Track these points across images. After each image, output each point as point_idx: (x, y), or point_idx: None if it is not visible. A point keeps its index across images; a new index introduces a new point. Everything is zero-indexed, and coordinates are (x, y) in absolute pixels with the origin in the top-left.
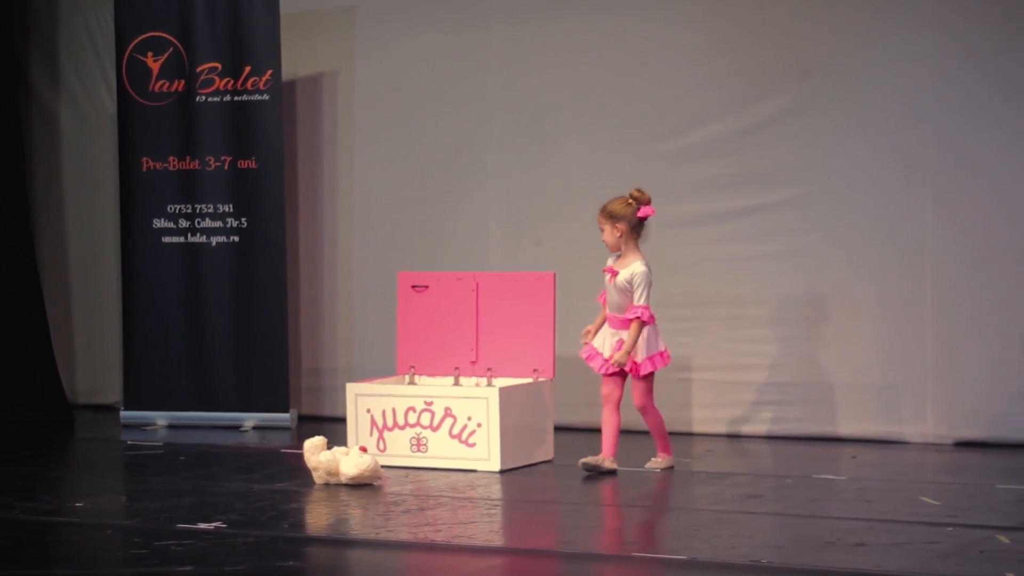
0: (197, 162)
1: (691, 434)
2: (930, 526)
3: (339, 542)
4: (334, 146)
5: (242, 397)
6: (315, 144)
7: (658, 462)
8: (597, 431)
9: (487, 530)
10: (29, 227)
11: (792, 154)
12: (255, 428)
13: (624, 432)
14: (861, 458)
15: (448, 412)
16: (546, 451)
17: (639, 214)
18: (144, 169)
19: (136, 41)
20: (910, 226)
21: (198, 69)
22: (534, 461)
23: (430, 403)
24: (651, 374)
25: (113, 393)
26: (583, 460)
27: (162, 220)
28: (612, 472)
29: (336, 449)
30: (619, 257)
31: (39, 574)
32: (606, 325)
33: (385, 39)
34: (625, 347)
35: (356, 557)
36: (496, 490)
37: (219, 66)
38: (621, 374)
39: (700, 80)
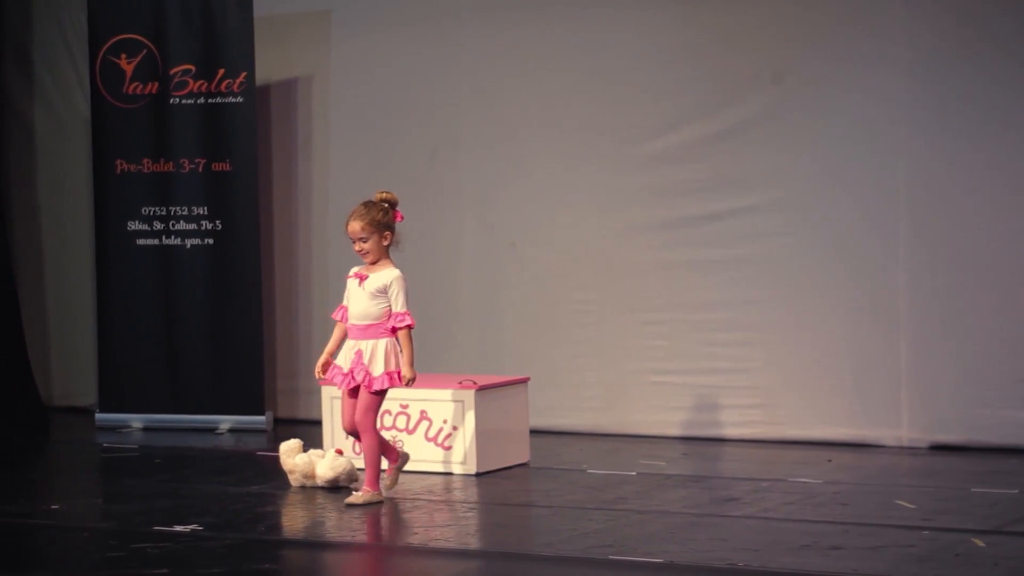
0: (171, 164)
1: (666, 437)
2: (906, 529)
3: (315, 545)
4: (308, 149)
5: (217, 399)
6: (289, 147)
7: (359, 496)
8: (573, 434)
9: (463, 533)
10: (3, 230)
11: (764, 158)
12: (230, 431)
13: (594, 435)
14: (836, 462)
15: (424, 415)
16: (522, 454)
17: (397, 218)
18: (118, 171)
19: (110, 43)
20: (883, 229)
21: (172, 71)
22: (510, 464)
23: (406, 406)
24: (383, 392)
25: (88, 396)
26: (348, 501)
27: (136, 222)
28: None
29: (312, 452)
30: (370, 264)
31: None
32: (347, 339)
33: (360, 43)
34: (405, 358)
35: (332, 560)
36: (472, 493)
37: (193, 68)
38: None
39: (673, 84)
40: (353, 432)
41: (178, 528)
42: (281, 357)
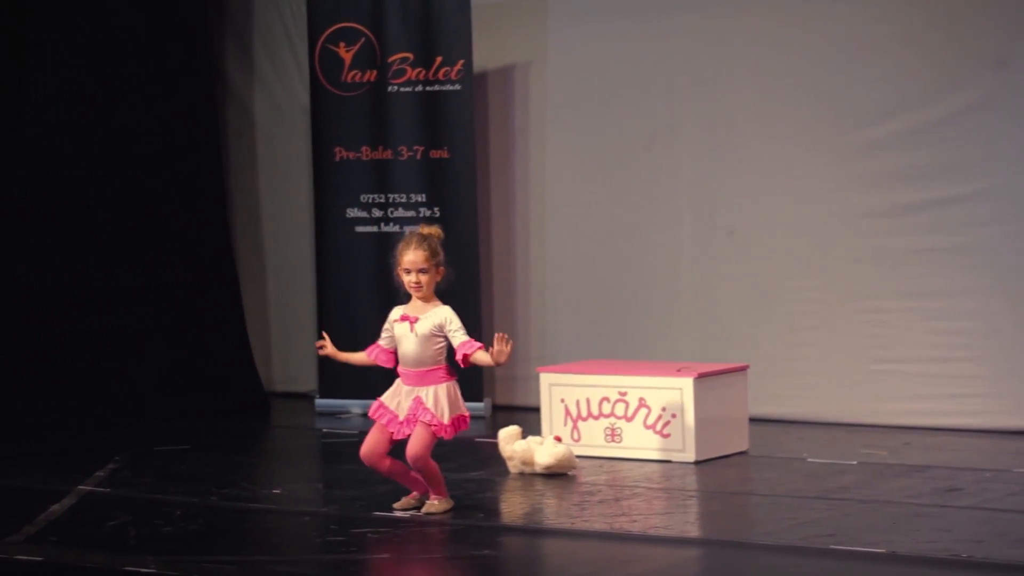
0: (390, 152)
1: (887, 427)
2: None
3: (534, 531)
4: (526, 137)
5: None
6: (507, 135)
7: (435, 504)
8: (793, 422)
9: (683, 521)
10: (225, 217)
11: (986, 145)
12: None
13: (814, 423)
14: None
15: (642, 402)
16: (741, 442)
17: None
18: (337, 159)
19: (328, 32)
20: None
21: (390, 59)
22: (729, 452)
23: (624, 393)
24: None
25: (308, 381)
26: (395, 505)
27: (355, 210)
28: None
29: (531, 438)
30: (412, 303)
31: (237, 559)
32: (399, 383)
33: (576, 29)
34: (491, 361)
35: (551, 546)
36: (691, 481)
37: (411, 56)
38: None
39: (893, 70)
40: (372, 460)
41: (398, 513)
42: None
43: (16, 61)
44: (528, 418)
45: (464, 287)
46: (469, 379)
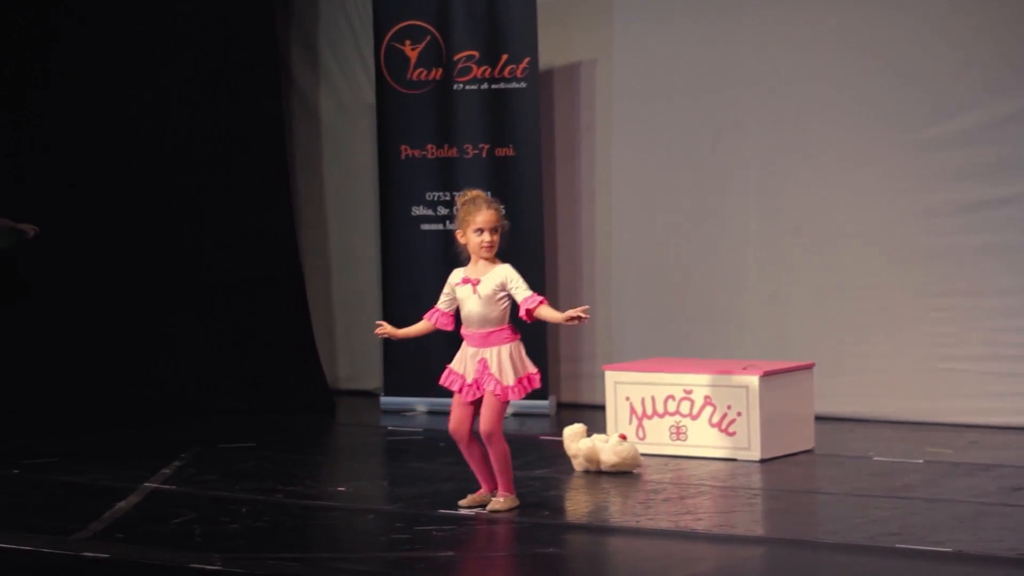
0: (455, 150)
1: (953, 425)
2: None
3: (599, 529)
4: (592, 134)
5: None
6: (572, 132)
7: (500, 502)
8: (859, 421)
9: (748, 519)
10: (291, 215)
11: None
12: (514, 415)
13: (880, 422)
14: None
15: (708, 400)
16: (807, 440)
17: None
18: (403, 157)
19: (394, 30)
20: None
21: (455, 57)
22: (795, 450)
23: (689, 391)
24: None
25: (373, 379)
26: (461, 502)
27: (421, 207)
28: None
29: (596, 436)
30: (472, 265)
31: (302, 557)
32: (464, 346)
33: (642, 26)
34: (560, 317)
35: (616, 544)
36: (757, 479)
37: (476, 54)
38: (476, 403)
39: (959, 67)
40: (459, 434)
41: (463, 511)
42: (564, 342)
43: (82, 59)
44: (593, 416)
45: (529, 284)
46: None
